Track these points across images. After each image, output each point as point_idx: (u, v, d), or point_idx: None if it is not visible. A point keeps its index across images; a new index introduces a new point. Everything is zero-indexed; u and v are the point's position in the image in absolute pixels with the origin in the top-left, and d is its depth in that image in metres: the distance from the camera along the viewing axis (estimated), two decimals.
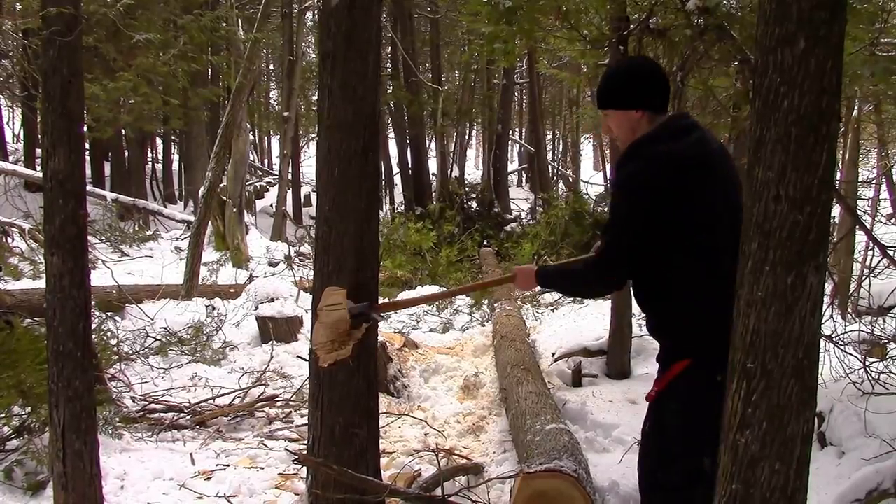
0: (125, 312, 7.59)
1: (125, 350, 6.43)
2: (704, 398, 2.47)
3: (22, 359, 4.46)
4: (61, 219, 3.38)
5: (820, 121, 1.97)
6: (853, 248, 10.51)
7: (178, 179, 23.55)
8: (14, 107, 23.00)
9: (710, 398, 2.40)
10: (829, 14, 1.95)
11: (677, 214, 2.54)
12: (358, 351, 3.44)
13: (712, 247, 2.56)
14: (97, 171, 18.74)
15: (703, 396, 2.49)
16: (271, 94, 31.10)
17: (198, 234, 9.26)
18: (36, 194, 13.96)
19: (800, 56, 1.96)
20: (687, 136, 2.65)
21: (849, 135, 11.29)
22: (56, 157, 3.36)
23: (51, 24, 3.33)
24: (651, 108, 2.72)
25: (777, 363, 2.05)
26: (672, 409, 2.65)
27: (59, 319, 3.40)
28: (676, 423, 2.63)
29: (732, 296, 2.18)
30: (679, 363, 2.62)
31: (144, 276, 10.29)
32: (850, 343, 4.92)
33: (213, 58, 15.32)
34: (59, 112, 3.36)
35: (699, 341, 2.59)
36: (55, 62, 3.36)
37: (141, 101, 12.37)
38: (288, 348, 7.16)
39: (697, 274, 2.58)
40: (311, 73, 24.93)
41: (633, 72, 2.82)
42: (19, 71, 11.95)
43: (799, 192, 1.98)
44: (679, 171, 2.56)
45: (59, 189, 3.37)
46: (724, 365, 2.24)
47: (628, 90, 2.75)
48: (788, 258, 2.01)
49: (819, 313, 2.07)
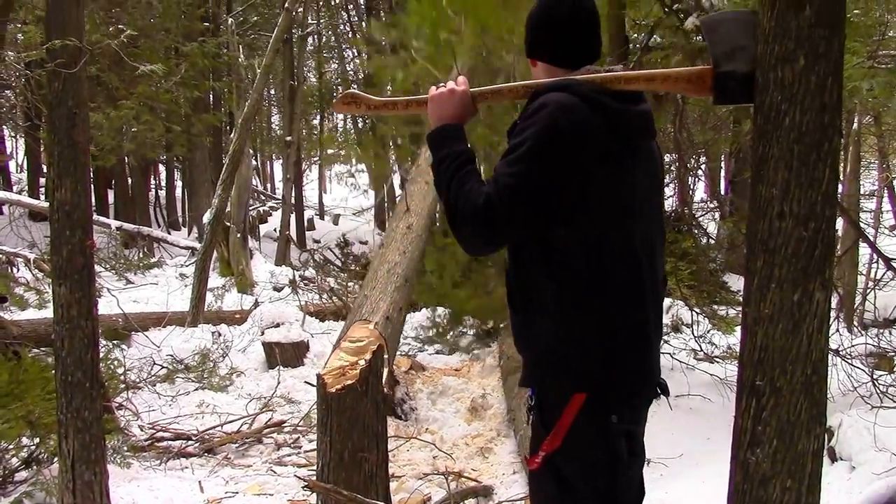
0: (131, 340, 7.60)
1: (132, 378, 6.44)
2: (606, 447, 2.07)
3: (30, 389, 4.46)
4: (68, 249, 3.40)
5: (822, 137, 1.98)
6: (857, 260, 10.50)
7: (181, 206, 23.60)
8: (17, 137, 23.12)
9: (610, 447, 2.08)
10: (829, 31, 1.96)
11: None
12: (365, 375, 3.44)
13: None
14: (101, 199, 18.79)
15: (604, 446, 2.07)
16: (272, 119, 31.22)
17: (204, 261, 9.28)
18: (41, 224, 13.99)
19: (800, 73, 1.97)
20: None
21: (849, 147, 11.31)
22: (62, 188, 3.39)
23: (55, 56, 3.37)
24: (553, 61, 2.22)
25: (786, 380, 2.04)
26: (574, 468, 2.09)
27: (68, 350, 3.41)
28: (584, 482, 2.10)
29: (636, 313, 2.07)
30: (568, 409, 2.04)
31: (150, 303, 10.30)
32: (858, 356, 4.92)
33: (216, 83, 15.41)
34: (64, 143, 3.39)
35: (593, 370, 2.05)
36: (60, 94, 3.40)
37: (144, 129, 12.42)
38: (295, 373, 7.15)
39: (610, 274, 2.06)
40: (312, 98, 25.06)
41: (529, 15, 2.27)
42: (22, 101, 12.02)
43: (803, 208, 1.98)
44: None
45: (65, 220, 3.40)
46: (620, 402, 2.07)
47: (528, 36, 2.26)
48: (794, 275, 2.01)
49: (826, 329, 2.07)
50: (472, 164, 2.09)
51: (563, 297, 2.05)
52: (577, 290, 2.04)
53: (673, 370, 6.19)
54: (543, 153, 1.95)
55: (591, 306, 2.04)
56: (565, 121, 1.95)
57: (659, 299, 2.20)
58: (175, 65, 11.78)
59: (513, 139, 2.02)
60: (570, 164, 1.96)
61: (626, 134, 2.05)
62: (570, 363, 2.06)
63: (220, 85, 16.02)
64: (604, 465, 2.08)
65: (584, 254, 2.03)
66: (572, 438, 2.05)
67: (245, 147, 11.23)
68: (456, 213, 2.02)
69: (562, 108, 1.97)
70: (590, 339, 2.04)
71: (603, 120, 1.99)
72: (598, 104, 2.00)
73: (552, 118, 1.96)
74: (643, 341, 2.11)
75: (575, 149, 1.96)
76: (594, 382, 2.05)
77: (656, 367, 2.20)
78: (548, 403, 2.12)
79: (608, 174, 2.01)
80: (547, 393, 2.13)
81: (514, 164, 1.96)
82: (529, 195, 1.95)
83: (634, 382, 2.11)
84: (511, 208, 1.95)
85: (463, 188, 2.01)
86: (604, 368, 2.04)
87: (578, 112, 1.97)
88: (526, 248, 2.09)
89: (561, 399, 2.06)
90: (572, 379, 2.06)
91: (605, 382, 2.05)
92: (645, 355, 2.12)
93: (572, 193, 1.99)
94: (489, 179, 1.99)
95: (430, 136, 2.20)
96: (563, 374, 2.07)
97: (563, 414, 2.04)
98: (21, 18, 9.14)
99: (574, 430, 2.04)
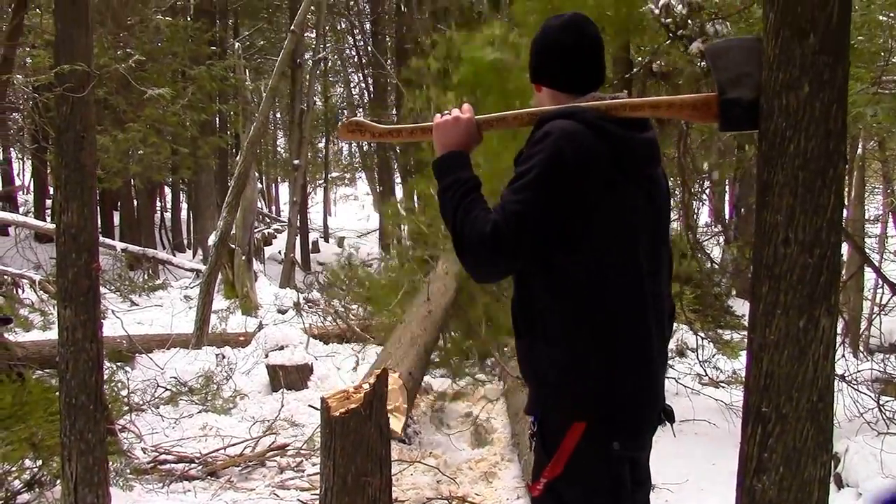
0: (135, 362, 7.60)
1: (136, 401, 6.42)
2: (608, 473, 2.06)
3: (33, 411, 4.46)
4: (74, 272, 3.41)
5: (827, 164, 1.98)
6: (862, 285, 10.49)
7: (186, 228, 23.68)
8: (24, 159, 23.25)
9: (613, 473, 2.07)
10: (833, 58, 1.97)
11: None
12: (370, 399, 3.43)
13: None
14: (106, 221, 18.85)
15: (606, 472, 2.06)
16: (278, 142, 31.39)
17: (209, 283, 9.29)
18: (46, 245, 14.04)
19: (805, 100, 1.98)
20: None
21: (854, 172, 11.34)
22: (69, 211, 3.41)
23: (64, 80, 3.39)
24: (555, 86, 2.22)
25: (792, 407, 2.04)
26: (576, 495, 2.09)
27: (72, 372, 3.42)
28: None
29: (640, 341, 2.07)
30: (569, 434, 2.04)
31: (154, 325, 10.29)
32: (864, 382, 4.90)
33: (222, 106, 15.51)
34: (72, 167, 3.41)
35: (594, 396, 2.05)
36: (68, 118, 3.42)
37: (150, 152, 12.48)
38: (298, 396, 7.13)
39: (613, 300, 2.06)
40: (318, 122, 25.20)
41: (533, 41, 2.29)
42: (30, 124, 12.11)
43: (808, 235, 1.99)
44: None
45: (71, 242, 3.41)
46: (622, 428, 2.05)
47: (533, 61, 2.28)
48: (800, 301, 2.01)
49: (832, 355, 2.06)
50: (477, 192, 2.09)
51: (565, 323, 2.05)
52: (579, 317, 2.04)
53: (678, 395, 6.17)
54: (549, 181, 1.95)
55: (593, 333, 2.03)
56: (570, 149, 1.96)
57: (664, 326, 2.19)
58: (182, 88, 11.85)
59: (519, 167, 2.03)
60: (576, 192, 1.97)
61: (630, 162, 2.05)
62: (571, 390, 2.05)
63: (226, 108, 16.12)
64: (606, 491, 2.07)
65: (586, 280, 2.02)
66: (574, 465, 2.04)
67: (250, 169, 11.28)
68: (462, 240, 2.02)
69: (567, 135, 1.98)
70: (592, 365, 2.03)
71: (608, 148, 2.00)
72: (604, 131, 2.01)
73: (557, 146, 1.96)
74: (646, 368, 2.10)
75: (580, 177, 1.96)
76: (596, 409, 2.04)
77: (661, 393, 2.19)
78: (549, 429, 2.11)
79: (612, 202, 2.01)
80: (549, 419, 2.12)
81: (520, 191, 1.97)
82: (536, 222, 1.95)
83: (637, 409, 2.10)
84: (518, 235, 1.94)
85: (469, 216, 2.01)
86: (606, 395, 2.03)
87: (584, 140, 1.98)
88: (530, 274, 2.08)
89: (562, 425, 2.05)
90: (574, 405, 2.05)
91: (607, 409, 2.04)
92: (648, 381, 2.11)
93: (577, 220, 1.99)
94: (496, 206, 1.99)
95: (435, 164, 2.20)
96: (565, 401, 2.07)
97: (565, 440, 2.04)
98: (30, 42, 9.21)
99: (576, 457, 2.03)
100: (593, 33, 2.21)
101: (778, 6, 2.00)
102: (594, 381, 2.03)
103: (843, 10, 1.97)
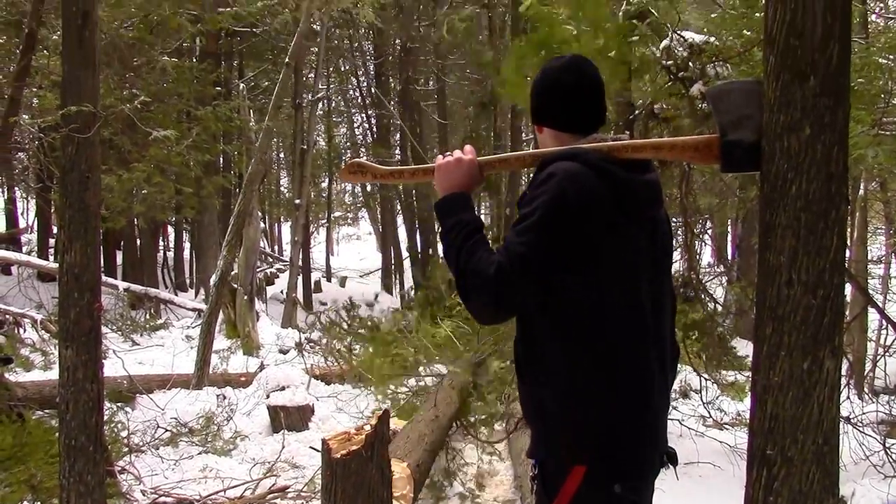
0: (136, 403, 7.56)
1: (136, 442, 6.38)
2: None
3: (33, 452, 4.43)
4: (76, 312, 3.41)
5: (829, 206, 1.98)
6: (867, 326, 10.45)
7: (189, 267, 23.71)
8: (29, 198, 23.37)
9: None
10: (833, 100, 1.98)
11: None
12: (371, 440, 3.41)
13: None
14: (109, 260, 18.87)
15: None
16: (282, 182, 31.55)
17: (209, 323, 9.28)
18: (48, 284, 14.06)
19: (806, 142, 1.98)
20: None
21: (856, 213, 11.35)
22: (72, 251, 3.42)
23: (70, 121, 3.42)
24: (558, 126, 2.22)
25: (797, 449, 2.02)
26: None
27: (72, 413, 3.40)
28: None
29: (641, 380, 2.05)
30: (570, 478, 2.01)
31: (155, 365, 10.26)
32: (869, 424, 4.86)
33: (227, 146, 15.59)
34: (76, 206, 3.43)
35: (596, 433, 2.02)
36: (73, 158, 3.45)
37: (154, 191, 12.51)
38: (300, 437, 7.08)
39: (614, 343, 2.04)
40: (321, 162, 25.34)
41: (534, 83, 2.29)
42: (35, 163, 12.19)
43: (811, 276, 1.98)
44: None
45: (74, 282, 3.42)
46: (623, 470, 2.03)
47: (534, 102, 2.28)
48: (804, 343, 2.00)
49: (837, 397, 2.05)
50: (480, 233, 2.08)
51: (566, 361, 2.03)
52: (580, 355, 2.02)
53: (682, 437, 6.12)
54: (553, 223, 1.95)
55: (594, 370, 2.02)
56: (573, 190, 1.96)
57: (666, 368, 2.18)
58: (187, 128, 11.92)
59: (523, 208, 2.03)
60: (579, 234, 1.97)
61: (633, 203, 2.05)
62: (572, 426, 2.03)
63: (230, 148, 16.20)
64: None
65: (588, 320, 2.02)
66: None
67: (249, 208, 11.31)
68: (466, 282, 2.01)
69: (570, 177, 1.98)
70: (593, 402, 2.01)
71: (610, 190, 2.00)
72: (607, 173, 2.01)
73: (561, 188, 1.97)
74: (648, 407, 2.08)
75: (583, 219, 1.96)
76: (597, 447, 2.02)
77: (663, 434, 2.16)
78: (550, 472, 2.09)
79: (615, 243, 2.01)
80: (549, 461, 2.11)
81: (524, 233, 1.96)
82: (539, 264, 1.95)
83: (638, 448, 2.07)
84: (522, 277, 1.94)
85: (472, 257, 2.00)
86: (606, 432, 2.01)
87: (586, 181, 1.98)
88: (532, 314, 2.08)
89: (563, 468, 2.03)
90: (575, 442, 2.03)
91: (608, 448, 2.02)
92: (649, 421, 2.09)
93: (580, 261, 1.98)
94: (499, 248, 1.99)
95: (437, 205, 2.20)
96: (566, 438, 2.04)
97: (566, 483, 2.01)
98: (37, 83, 9.30)
99: (577, 500, 2.00)
100: (593, 73, 2.22)
101: (778, 49, 2.02)
102: (595, 418, 2.01)
103: (843, 53, 1.99)
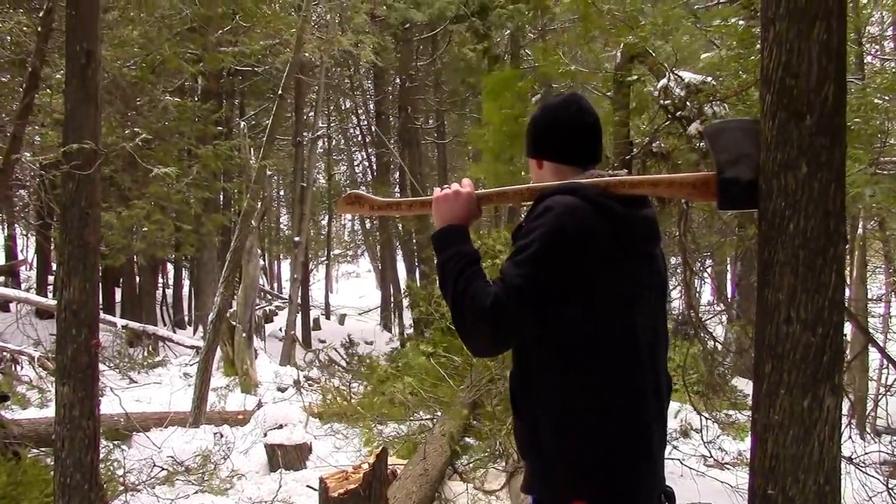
0: (132, 440, 7.50)
1: (132, 480, 6.32)
2: None
3: (28, 491, 4.38)
4: (73, 348, 3.40)
5: (827, 243, 1.99)
6: (868, 365, 10.41)
7: (188, 305, 23.67)
8: (28, 235, 23.41)
9: None
10: (830, 139, 2.00)
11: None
12: (368, 479, 3.38)
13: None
14: (108, 296, 18.85)
15: None
16: (282, 220, 31.63)
17: (206, 361, 9.23)
18: (46, 321, 14.02)
19: (803, 181, 2.00)
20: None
21: (855, 252, 11.35)
22: (71, 287, 3.41)
23: (71, 158, 3.44)
24: (558, 159, 2.25)
25: (798, 489, 2.00)
26: None
27: (68, 451, 3.37)
28: None
29: (637, 413, 2.03)
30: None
31: (153, 402, 10.20)
32: (872, 464, 4.82)
33: (227, 184, 15.65)
34: (75, 243, 3.43)
35: (592, 465, 2.02)
36: (74, 195, 3.46)
37: (154, 228, 12.53)
38: (297, 476, 7.01)
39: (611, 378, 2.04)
40: (322, 199, 25.43)
41: (534, 118, 2.33)
42: (35, 200, 12.22)
43: (810, 314, 1.98)
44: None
45: (72, 319, 3.41)
46: (624, 502, 2.02)
47: (534, 137, 2.31)
48: (803, 380, 1.99)
49: (838, 436, 2.04)
50: (476, 265, 2.09)
51: (562, 394, 2.02)
52: (576, 388, 2.02)
53: (683, 477, 6.06)
54: (550, 256, 1.96)
55: (590, 403, 2.01)
56: (572, 225, 1.97)
57: (662, 406, 2.16)
58: (188, 166, 11.97)
59: (519, 240, 2.04)
60: (575, 268, 1.97)
61: (630, 239, 2.06)
62: (568, 459, 2.02)
63: (231, 186, 16.26)
64: None
65: (584, 354, 2.01)
66: None
67: (249, 245, 11.32)
68: (462, 313, 2.01)
69: (569, 211, 1.99)
70: (587, 445, 2.00)
71: (608, 225, 2.01)
72: (605, 208, 2.02)
73: (560, 221, 1.97)
74: (644, 440, 2.06)
75: (580, 253, 1.97)
76: (593, 489, 2.00)
77: (660, 473, 2.14)
78: None
79: (611, 278, 2.01)
80: (547, 496, 2.09)
81: (521, 265, 1.97)
82: (536, 297, 1.95)
83: (635, 488, 2.05)
84: (518, 308, 1.94)
85: (469, 289, 2.00)
86: (603, 464, 2.00)
87: (584, 216, 1.99)
88: (528, 347, 2.08)
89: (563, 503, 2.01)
90: (572, 476, 2.01)
91: (603, 488, 2.00)
92: (645, 460, 2.07)
93: (576, 295, 1.98)
94: (496, 280, 2.00)
95: (434, 237, 2.21)
96: (561, 470, 2.03)
97: None
98: (40, 121, 9.35)
99: None
100: (590, 109, 2.26)
101: (774, 89, 2.04)
102: (591, 450, 2.00)
103: (839, 93, 2.01)
